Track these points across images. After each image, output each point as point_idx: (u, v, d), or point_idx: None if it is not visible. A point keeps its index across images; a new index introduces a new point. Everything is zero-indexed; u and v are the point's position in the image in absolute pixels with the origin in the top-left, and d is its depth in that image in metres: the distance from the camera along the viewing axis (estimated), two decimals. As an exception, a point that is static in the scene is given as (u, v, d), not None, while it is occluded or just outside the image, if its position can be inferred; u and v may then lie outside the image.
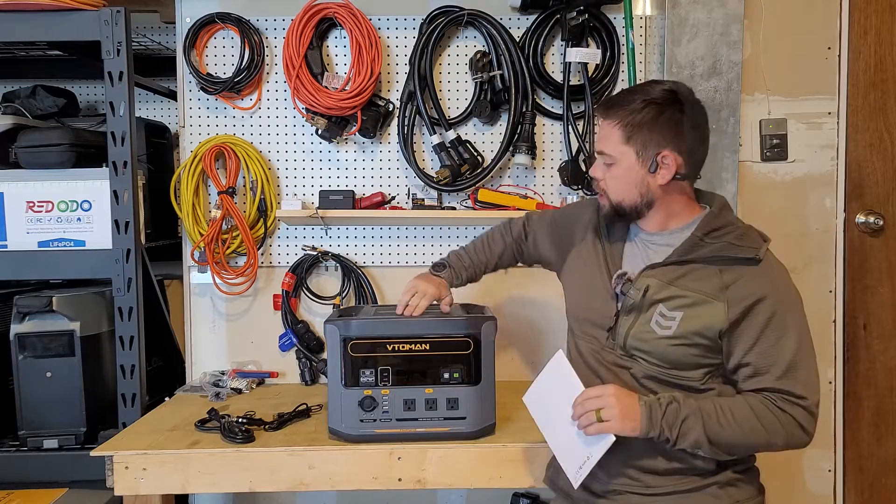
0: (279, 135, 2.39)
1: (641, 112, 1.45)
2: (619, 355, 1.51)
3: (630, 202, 1.51)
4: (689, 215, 1.53)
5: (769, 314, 1.40)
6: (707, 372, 1.47)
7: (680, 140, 1.46)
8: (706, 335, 1.43)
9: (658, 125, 1.45)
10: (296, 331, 2.38)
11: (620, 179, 1.50)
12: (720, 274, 1.44)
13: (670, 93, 1.47)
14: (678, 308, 1.44)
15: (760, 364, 1.41)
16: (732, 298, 1.42)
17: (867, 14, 2.37)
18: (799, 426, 1.40)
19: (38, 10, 2.07)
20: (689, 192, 1.54)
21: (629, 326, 1.49)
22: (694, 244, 1.47)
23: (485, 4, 2.30)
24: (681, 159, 1.47)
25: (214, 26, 2.34)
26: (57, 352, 2.11)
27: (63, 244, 2.17)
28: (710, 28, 2.21)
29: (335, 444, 1.82)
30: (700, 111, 1.51)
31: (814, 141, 2.36)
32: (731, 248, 1.45)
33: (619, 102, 1.50)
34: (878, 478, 2.43)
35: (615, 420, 1.38)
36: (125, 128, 2.10)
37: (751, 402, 1.41)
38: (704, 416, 1.39)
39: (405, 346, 1.80)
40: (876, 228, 2.38)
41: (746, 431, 1.39)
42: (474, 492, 2.49)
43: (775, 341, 1.40)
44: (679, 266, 1.47)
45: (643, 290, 1.46)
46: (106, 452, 1.80)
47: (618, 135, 1.48)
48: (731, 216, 1.53)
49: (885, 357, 2.41)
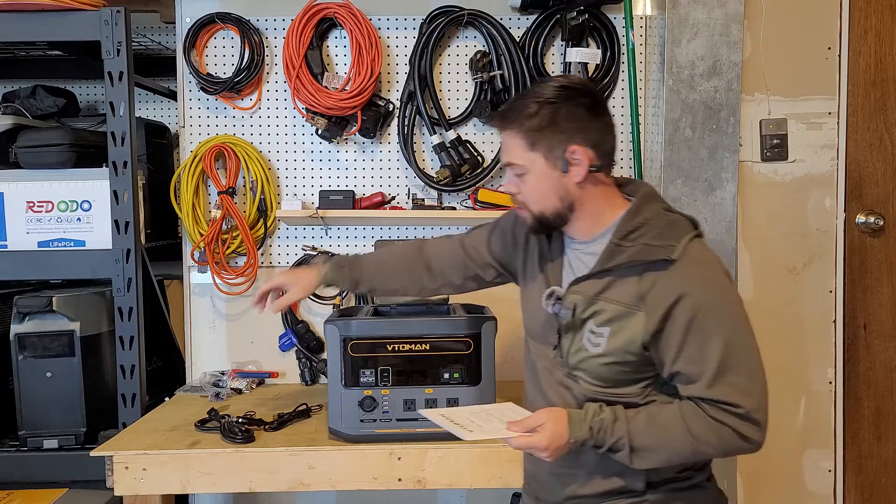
0: (279, 135, 2.39)
1: (538, 114, 1.37)
2: (565, 374, 1.45)
3: (552, 209, 1.42)
4: (613, 213, 1.43)
5: (688, 318, 1.31)
6: (646, 385, 1.40)
7: (585, 132, 1.38)
8: (631, 350, 1.35)
9: (559, 123, 1.37)
10: (296, 331, 2.38)
11: (536, 188, 1.41)
12: (638, 282, 1.35)
13: (563, 88, 1.39)
14: (604, 324, 1.37)
15: (689, 372, 1.32)
16: (650, 307, 1.33)
17: (867, 14, 2.36)
18: (736, 435, 1.31)
19: (38, 10, 2.07)
20: (609, 187, 1.44)
21: (569, 345, 1.43)
22: (612, 252, 1.38)
23: (485, 4, 2.30)
24: (591, 152, 1.38)
25: (214, 26, 2.34)
26: (57, 352, 2.11)
27: (63, 244, 2.17)
28: (710, 28, 2.21)
29: (335, 444, 1.82)
30: (597, 99, 1.43)
31: (814, 141, 2.36)
32: (645, 252, 1.35)
33: (513, 111, 1.42)
34: (878, 478, 2.43)
35: (549, 458, 1.35)
36: (125, 128, 2.10)
37: (684, 409, 1.34)
38: (630, 422, 1.34)
39: (405, 346, 1.80)
40: (876, 228, 2.38)
41: (674, 440, 1.33)
42: (474, 492, 2.49)
43: (700, 346, 1.31)
44: (600, 278, 1.39)
45: (572, 309, 1.40)
46: (106, 452, 1.80)
47: (521, 143, 1.40)
48: (651, 210, 1.41)
49: (885, 357, 2.41)
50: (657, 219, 1.39)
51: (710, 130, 2.23)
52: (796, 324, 2.38)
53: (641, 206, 1.41)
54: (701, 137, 2.23)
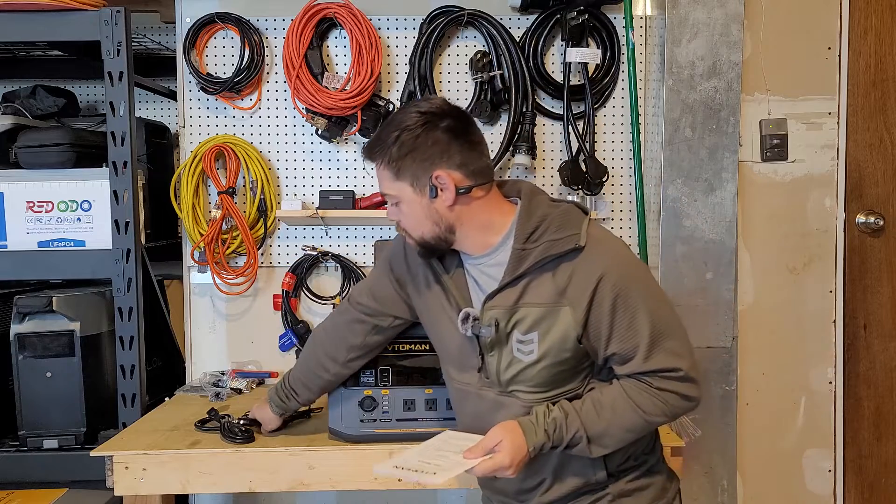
0: (279, 135, 2.39)
1: (396, 144, 1.37)
2: (497, 393, 1.44)
3: (431, 234, 1.42)
4: (503, 220, 1.42)
5: (612, 297, 1.32)
6: (585, 377, 1.42)
7: (447, 156, 1.37)
8: (566, 347, 1.36)
9: (419, 150, 1.37)
10: (296, 331, 2.38)
11: (410, 215, 1.42)
12: (553, 278, 1.36)
13: (420, 114, 1.39)
14: (530, 329, 1.37)
15: (624, 350, 1.34)
16: (573, 298, 1.34)
17: (867, 14, 2.37)
18: (681, 397, 1.35)
19: (38, 10, 2.07)
20: (489, 198, 1.43)
21: (497, 363, 1.42)
22: (519, 257, 1.38)
23: (485, 4, 2.30)
24: (457, 174, 1.38)
25: (214, 26, 2.34)
26: (57, 352, 2.10)
27: (63, 244, 2.17)
28: (710, 28, 2.21)
29: (335, 444, 1.82)
30: (459, 120, 1.41)
31: (814, 141, 2.36)
32: (553, 247, 1.35)
33: (376, 143, 1.42)
34: (878, 478, 2.43)
35: (514, 474, 1.35)
36: (125, 128, 2.10)
37: (626, 387, 1.36)
38: (581, 413, 1.35)
39: (405, 346, 1.79)
40: (876, 228, 2.38)
41: (625, 418, 1.35)
42: (474, 492, 2.48)
43: (629, 323, 1.33)
44: (514, 286, 1.38)
45: (494, 326, 1.38)
46: (106, 452, 1.79)
47: (387, 174, 1.41)
48: (541, 207, 1.41)
49: (885, 357, 2.41)
50: (551, 212, 1.40)
51: (710, 130, 2.23)
52: (796, 324, 2.38)
53: (530, 205, 1.42)
54: (701, 137, 2.23)
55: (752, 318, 2.35)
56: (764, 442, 2.38)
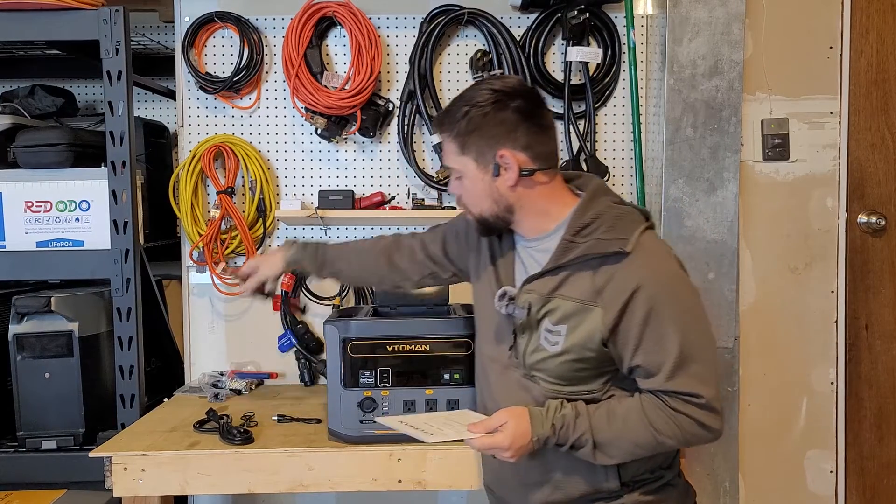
0: (278, 134, 2.39)
1: (465, 119, 1.38)
2: (522, 375, 1.44)
3: (489, 212, 1.43)
4: (562, 210, 1.43)
5: (646, 310, 1.30)
6: (606, 381, 1.40)
7: (513, 137, 1.37)
8: (590, 346, 1.35)
9: (486, 128, 1.37)
10: (295, 331, 2.37)
11: (471, 191, 1.44)
12: (593, 276, 1.35)
13: (492, 92, 1.39)
14: (561, 321, 1.36)
15: (648, 365, 1.32)
16: (607, 301, 1.33)
17: (869, 13, 2.36)
18: (698, 424, 1.32)
19: (36, 10, 2.06)
20: (551, 185, 1.43)
21: (525, 345, 1.42)
22: (564, 248, 1.37)
23: (485, 3, 2.30)
24: (521, 155, 1.38)
25: (213, 25, 2.33)
26: (55, 352, 2.10)
27: (61, 244, 2.16)
28: (712, 27, 2.20)
29: (335, 445, 1.81)
30: (529, 102, 1.41)
31: (815, 141, 2.35)
32: (599, 245, 1.35)
33: (446, 115, 1.43)
34: (879, 479, 2.42)
35: (512, 458, 1.35)
36: (124, 127, 2.09)
37: (644, 402, 1.34)
38: (591, 417, 1.34)
39: (405, 347, 1.79)
40: (878, 228, 2.37)
41: (636, 433, 1.33)
42: (475, 493, 2.47)
43: (658, 339, 1.31)
44: (554, 275, 1.38)
45: (527, 308, 1.39)
46: (105, 453, 1.79)
47: (453, 147, 1.42)
48: (601, 204, 1.41)
49: (887, 358, 2.40)
50: (608, 212, 1.39)
51: (711, 130, 2.22)
52: (798, 324, 2.37)
53: (591, 201, 1.41)
54: (702, 137, 2.22)
55: (754, 318, 2.34)
56: (765, 443, 2.37)
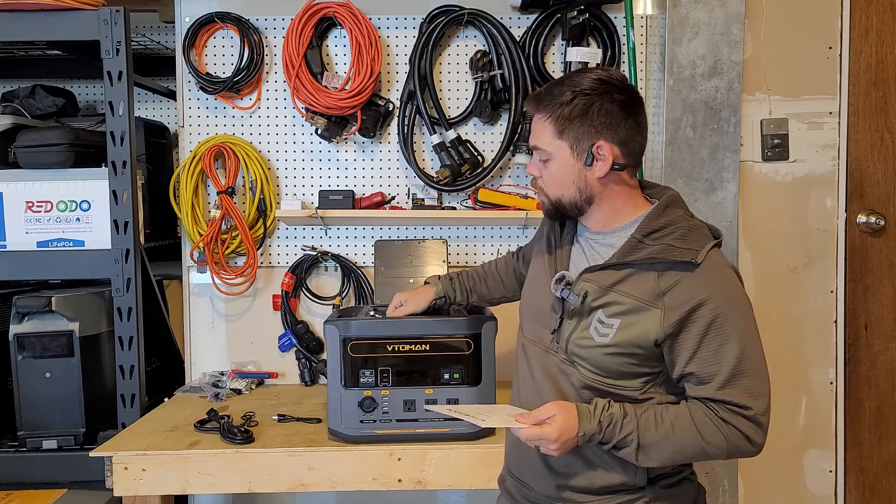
0: (279, 134, 2.39)
1: (571, 104, 1.38)
2: (562, 359, 1.45)
3: (569, 198, 1.44)
4: (633, 211, 1.45)
5: (709, 321, 1.33)
6: (647, 381, 1.41)
7: (614, 130, 1.39)
8: (641, 345, 1.36)
9: (589, 116, 1.38)
10: (295, 331, 2.37)
11: (557, 175, 1.44)
12: (657, 279, 1.36)
13: (600, 82, 1.39)
14: (615, 315, 1.38)
15: (702, 373, 1.34)
16: (669, 305, 1.34)
17: (868, 14, 2.36)
18: (744, 437, 1.33)
19: (37, 10, 2.07)
20: (631, 185, 1.46)
21: (571, 331, 1.43)
22: (633, 246, 1.39)
23: (485, 4, 2.30)
24: (617, 150, 1.39)
25: (214, 26, 2.34)
26: (56, 352, 2.10)
27: (62, 244, 2.17)
28: (711, 27, 2.21)
29: (335, 444, 1.82)
30: (633, 99, 1.42)
31: (815, 141, 2.36)
32: (669, 251, 1.36)
33: (548, 95, 1.42)
34: (878, 478, 2.42)
35: (557, 451, 1.35)
36: (124, 127, 2.09)
37: (693, 409, 1.35)
38: (639, 419, 1.35)
39: (405, 347, 1.79)
40: (877, 228, 2.37)
41: (682, 439, 1.34)
42: (474, 492, 2.49)
43: (717, 349, 1.33)
44: (617, 270, 1.39)
45: (582, 296, 1.40)
46: (105, 453, 1.79)
47: (550, 129, 1.41)
48: (676, 213, 1.43)
49: (886, 357, 2.41)
50: (681, 222, 1.41)
51: (710, 130, 2.23)
52: (797, 324, 2.38)
53: (666, 207, 1.43)
54: (702, 137, 2.23)
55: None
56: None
